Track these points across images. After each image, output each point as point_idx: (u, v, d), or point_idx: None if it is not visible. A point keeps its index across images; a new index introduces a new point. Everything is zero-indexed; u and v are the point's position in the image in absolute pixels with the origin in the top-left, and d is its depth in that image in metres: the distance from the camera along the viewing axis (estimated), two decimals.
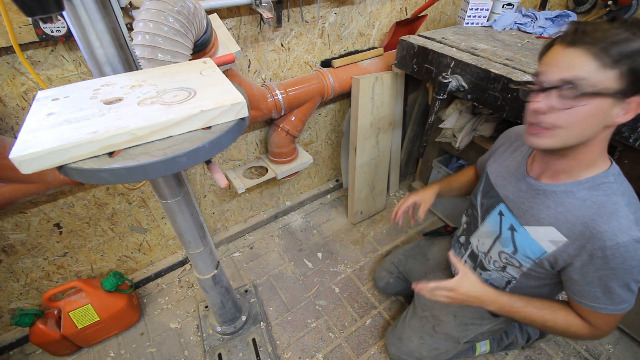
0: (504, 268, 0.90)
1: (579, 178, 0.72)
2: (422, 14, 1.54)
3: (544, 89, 0.63)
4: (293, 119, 1.42)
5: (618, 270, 0.67)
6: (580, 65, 0.59)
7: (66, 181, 1.02)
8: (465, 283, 0.84)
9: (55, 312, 1.25)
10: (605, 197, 0.69)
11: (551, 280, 0.84)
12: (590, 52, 0.58)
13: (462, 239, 1.07)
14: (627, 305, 0.71)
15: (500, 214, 0.88)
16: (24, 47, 0.88)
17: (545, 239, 0.77)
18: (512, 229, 0.85)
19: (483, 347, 1.25)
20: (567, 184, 0.73)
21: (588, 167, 0.71)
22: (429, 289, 0.86)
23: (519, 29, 1.50)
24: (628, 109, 0.62)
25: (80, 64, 0.98)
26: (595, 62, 0.58)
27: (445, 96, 1.19)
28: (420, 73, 1.36)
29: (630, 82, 0.58)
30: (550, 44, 0.66)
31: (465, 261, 1.04)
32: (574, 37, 0.60)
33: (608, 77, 0.58)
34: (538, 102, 0.64)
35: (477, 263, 1.00)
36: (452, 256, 0.89)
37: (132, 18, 0.91)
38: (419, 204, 1.09)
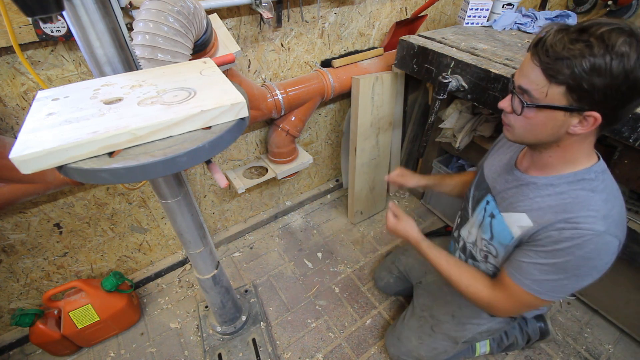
0: (485, 257, 0.93)
1: (561, 173, 0.73)
2: (422, 14, 1.54)
3: (509, 91, 0.68)
4: (293, 119, 1.42)
5: (559, 253, 0.68)
6: (532, 76, 0.62)
7: (66, 181, 1.02)
8: (399, 226, 1.00)
9: (55, 312, 1.25)
10: (583, 192, 0.69)
11: None
12: (541, 66, 0.60)
13: (456, 233, 1.09)
14: (541, 290, 0.73)
15: (487, 203, 0.91)
16: (24, 47, 0.88)
17: (515, 224, 0.79)
18: (491, 216, 0.88)
19: (483, 347, 1.25)
20: (549, 177, 0.75)
21: (569, 164, 0.72)
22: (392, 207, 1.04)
23: (519, 29, 1.50)
24: (584, 123, 0.62)
25: (80, 64, 0.98)
26: (544, 76, 0.60)
27: (445, 96, 1.19)
28: (420, 73, 1.36)
29: (577, 99, 0.59)
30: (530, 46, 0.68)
31: (459, 255, 1.06)
32: (534, 49, 0.62)
33: (555, 92, 0.60)
34: (503, 101, 0.70)
35: (467, 254, 1.02)
36: (392, 206, 1.04)
37: (132, 18, 0.91)
38: (402, 178, 1.18)
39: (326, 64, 1.48)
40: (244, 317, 1.32)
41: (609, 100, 0.58)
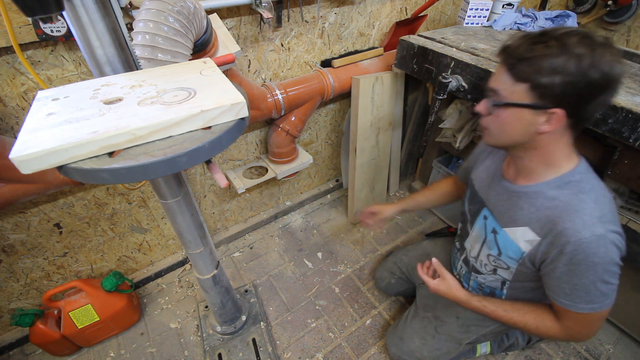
0: (494, 270, 0.92)
1: (547, 178, 0.75)
2: (422, 14, 1.54)
3: (485, 95, 0.73)
4: (293, 119, 1.42)
5: (582, 267, 0.69)
6: (500, 77, 0.68)
7: (66, 181, 1.02)
8: (441, 286, 0.96)
9: (55, 312, 1.25)
10: (573, 196, 0.71)
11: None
12: (507, 66, 0.66)
13: (458, 244, 1.09)
14: (597, 305, 0.72)
15: (485, 217, 0.91)
16: (24, 47, 0.88)
17: (521, 239, 0.80)
18: (494, 231, 0.88)
19: (483, 348, 1.25)
20: (538, 184, 0.76)
21: (551, 167, 0.74)
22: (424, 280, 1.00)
23: (519, 29, 1.50)
24: (550, 120, 0.66)
25: (80, 64, 0.98)
26: (509, 76, 0.66)
27: (445, 96, 1.19)
28: (420, 73, 1.36)
29: (540, 96, 0.64)
30: None
31: (461, 266, 1.07)
32: (501, 53, 0.68)
33: (519, 90, 0.65)
34: (479, 105, 0.74)
35: (470, 267, 1.02)
36: (435, 263, 1.00)
37: (132, 18, 0.91)
38: (376, 214, 1.18)
39: (326, 64, 1.48)
40: (244, 317, 1.32)
41: (569, 98, 0.62)
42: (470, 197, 0.99)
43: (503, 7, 1.51)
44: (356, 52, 1.54)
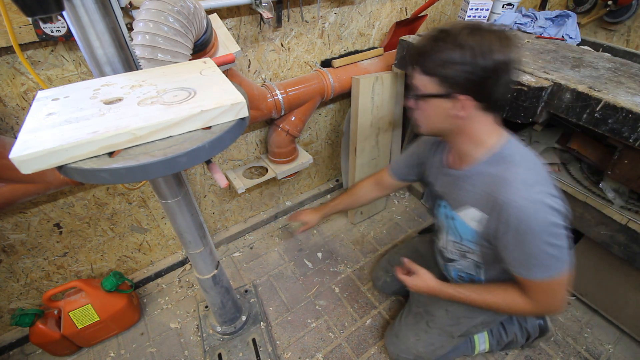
0: (464, 256, 0.97)
1: (483, 158, 0.80)
2: (422, 14, 1.54)
3: (410, 92, 0.80)
4: (293, 119, 1.42)
5: (527, 235, 0.72)
6: (416, 75, 0.76)
7: (66, 181, 1.02)
8: (417, 281, 0.99)
9: (55, 312, 1.25)
10: (506, 170, 0.76)
11: None
12: (418, 64, 0.74)
13: (435, 238, 1.14)
14: (553, 272, 0.75)
15: (444, 207, 0.96)
16: (24, 47, 0.88)
17: (472, 220, 0.84)
18: (452, 218, 0.92)
19: (482, 345, 1.24)
20: (476, 165, 0.82)
21: (480, 147, 0.80)
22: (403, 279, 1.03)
23: (519, 29, 1.50)
24: (463, 106, 0.72)
25: (80, 64, 0.98)
26: (421, 72, 0.74)
27: None
28: None
29: (449, 86, 0.71)
30: None
31: (440, 258, 1.12)
32: (412, 53, 0.75)
33: (430, 83, 0.73)
34: (408, 101, 0.82)
35: (444, 257, 1.07)
36: (407, 262, 1.03)
37: (132, 18, 0.91)
38: (304, 223, 1.26)
39: (326, 64, 1.48)
40: (244, 317, 1.32)
41: (473, 85, 0.69)
42: (429, 193, 1.05)
43: (503, 7, 1.51)
44: (356, 52, 1.54)
